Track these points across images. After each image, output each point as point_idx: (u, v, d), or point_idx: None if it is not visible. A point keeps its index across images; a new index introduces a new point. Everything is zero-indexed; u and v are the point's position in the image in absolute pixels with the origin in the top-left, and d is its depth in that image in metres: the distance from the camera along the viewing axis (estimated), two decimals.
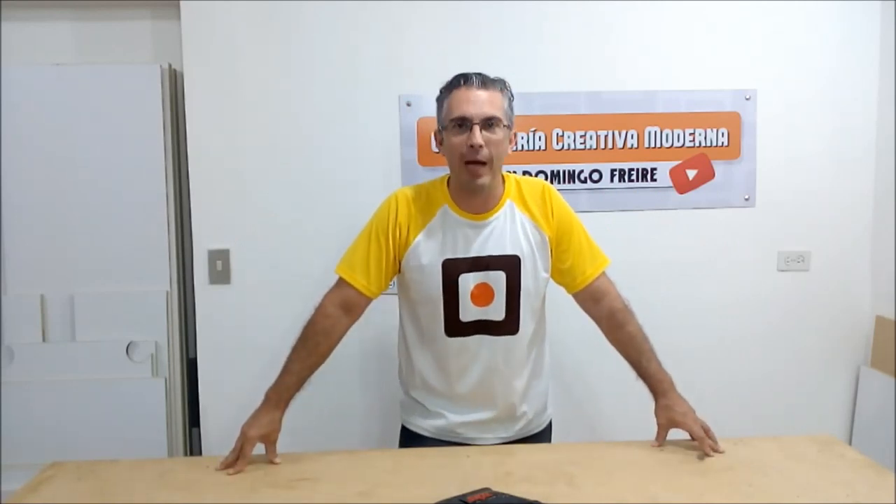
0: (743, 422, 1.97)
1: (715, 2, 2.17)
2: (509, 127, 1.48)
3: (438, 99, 1.51)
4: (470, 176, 1.45)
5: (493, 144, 1.44)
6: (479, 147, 1.42)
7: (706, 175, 2.21)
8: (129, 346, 2.20)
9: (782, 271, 2.26)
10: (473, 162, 1.43)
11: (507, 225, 1.52)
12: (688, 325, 2.22)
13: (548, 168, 2.18)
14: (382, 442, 2.13)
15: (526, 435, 1.63)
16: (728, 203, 2.23)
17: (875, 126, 2.24)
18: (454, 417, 1.57)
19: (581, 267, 1.57)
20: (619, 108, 2.18)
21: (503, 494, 1.22)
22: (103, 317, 2.19)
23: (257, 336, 2.12)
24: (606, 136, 2.18)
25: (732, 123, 2.20)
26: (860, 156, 2.25)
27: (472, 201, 1.51)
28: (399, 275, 1.57)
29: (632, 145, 2.19)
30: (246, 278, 2.14)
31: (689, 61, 2.19)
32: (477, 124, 1.42)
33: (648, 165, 2.20)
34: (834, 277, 2.28)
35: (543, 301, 1.61)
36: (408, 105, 2.13)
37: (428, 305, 1.53)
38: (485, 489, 1.23)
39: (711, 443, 1.44)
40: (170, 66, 2.19)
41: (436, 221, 1.52)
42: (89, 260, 2.19)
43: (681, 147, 2.20)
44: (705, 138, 2.20)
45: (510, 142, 1.51)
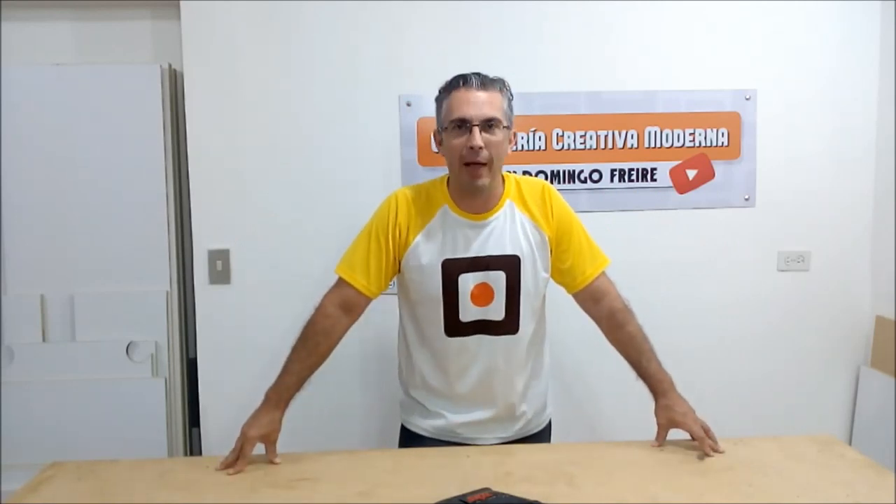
0: (743, 422, 1.97)
1: (715, 2, 2.17)
2: (509, 127, 1.48)
3: (437, 99, 1.51)
4: (469, 177, 1.45)
5: (493, 145, 1.44)
6: (479, 149, 1.42)
7: (706, 175, 2.21)
8: (129, 346, 2.20)
9: (782, 271, 2.26)
10: (473, 163, 1.43)
11: (507, 225, 1.52)
12: (688, 325, 2.22)
13: (548, 168, 2.18)
14: (382, 442, 2.13)
15: (525, 435, 1.63)
16: (728, 203, 2.23)
17: (875, 126, 2.24)
18: (454, 417, 1.57)
19: (581, 267, 1.57)
20: (619, 108, 2.18)
21: (503, 494, 1.22)
22: (103, 317, 2.19)
23: (257, 336, 2.12)
24: (606, 136, 2.18)
25: (732, 123, 2.20)
26: (860, 156, 2.25)
27: (472, 201, 1.51)
28: (399, 275, 1.57)
29: (632, 145, 2.19)
30: (246, 278, 2.14)
31: (689, 61, 2.19)
32: (476, 126, 1.42)
33: (648, 165, 2.20)
34: (834, 277, 2.28)
35: (543, 301, 1.62)
36: (408, 105, 2.13)
37: (428, 305, 1.53)
38: (485, 489, 1.24)
39: (711, 443, 1.44)
40: (170, 66, 2.19)
41: (435, 221, 1.52)
42: (89, 260, 2.19)
43: (681, 147, 2.20)
44: (705, 138, 2.20)
45: (510, 142, 1.51)
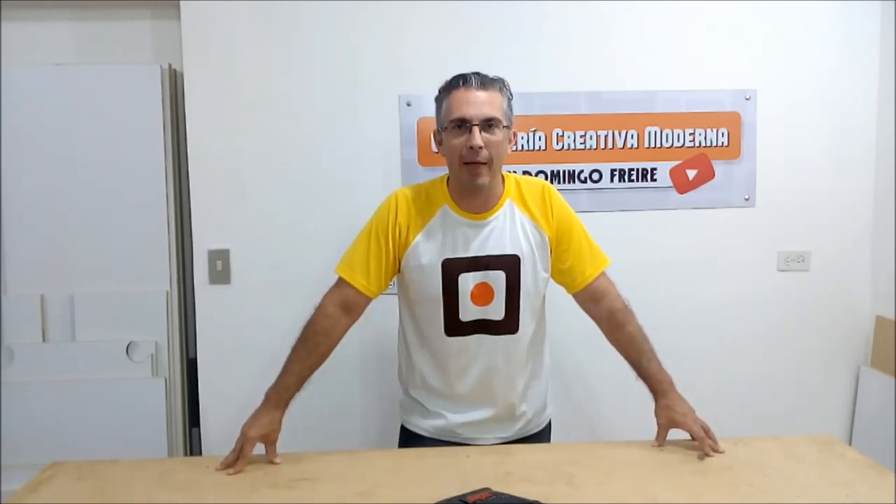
0: (743, 422, 1.97)
1: (715, 2, 2.17)
2: (509, 127, 1.48)
3: (437, 99, 1.51)
4: (469, 176, 1.45)
5: (493, 145, 1.44)
6: (479, 148, 1.42)
7: (706, 175, 2.21)
8: (129, 346, 2.20)
9: (782, 271, 2.26)
10: (473, 163, 1.43)
11: (507, 224, 1.52)
12: (688, 325, 2.22)
13: (548, 168, 2.18)
14: (382, 442, 2.13)
15: (525, 434, 1.63)
16: (728, 203, 2.23)
17: (875, 126, 2.24)
18: (454, 417, 1.57)
19: (581, 267, 1.57)
20: (619, 108, 2.18)
21: (503, 494, 1.22)
22: (103, 317, 2.19)
23: (257, 336, 2.12)
24: (606, 136, 2.18)
25: (732, 123, 2.20)
26: (860, 156, 2.25)
27: (472, 201, 1.51)
28: (399, 275, 1.57)
29: (632, 145, 2.19)
30: (246, 278, 2.14)
31: (689, 61, 2.19)
32: (476, 125, 1.42)
33: (648, 165, 2.20)
34: (834, 277, 2.28)
35: (543, 301, 1.61)
36: (408, 105, 2.13)
37: (428, 305, 1.53)
38: (485, 489, 1.23)
39: (711, 443, 1.44)
40: (170, 66, 2.19)
41: (435, 221, 1.52)
42: (89, 260, 2.19)
43: (681, 147, 2.20)
44: (705, 138, 2.20)
45: (510, 141, 1.51)
